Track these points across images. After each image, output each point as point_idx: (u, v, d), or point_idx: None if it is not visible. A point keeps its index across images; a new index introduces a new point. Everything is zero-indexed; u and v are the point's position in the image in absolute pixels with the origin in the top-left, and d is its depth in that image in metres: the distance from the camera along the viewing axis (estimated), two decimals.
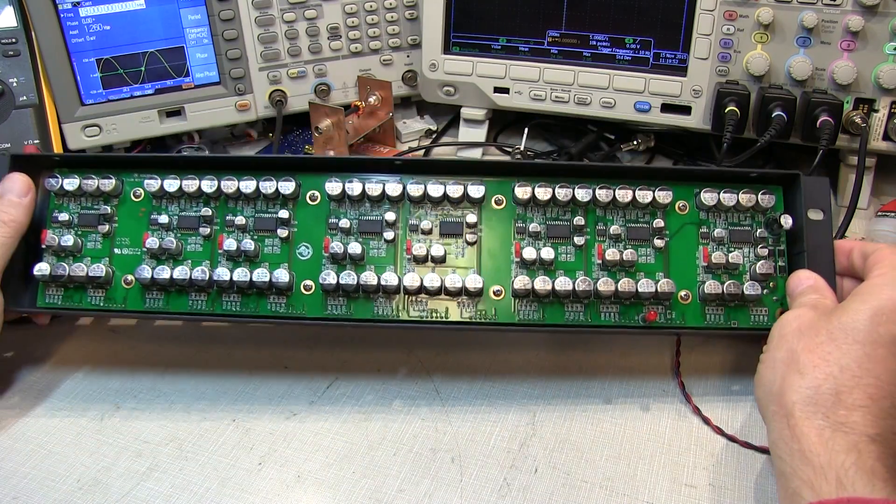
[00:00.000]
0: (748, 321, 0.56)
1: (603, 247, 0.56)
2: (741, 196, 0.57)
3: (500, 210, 0.58)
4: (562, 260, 0.56)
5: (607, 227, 0.57)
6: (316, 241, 0.57)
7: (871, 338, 0.44)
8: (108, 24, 0.83)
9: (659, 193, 0.57)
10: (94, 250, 0.58)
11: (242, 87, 0.89)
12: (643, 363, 0.60)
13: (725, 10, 0.76)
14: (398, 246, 0.57)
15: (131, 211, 0.59)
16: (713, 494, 0.50)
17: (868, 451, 0.40)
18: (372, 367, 0.61)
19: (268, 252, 0.57)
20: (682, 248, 0.57)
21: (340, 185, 0.57)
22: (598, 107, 0.84)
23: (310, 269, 0.57)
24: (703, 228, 0.57)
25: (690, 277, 0.56)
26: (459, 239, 0.57)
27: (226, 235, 0.57)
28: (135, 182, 0.59)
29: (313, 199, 0.58)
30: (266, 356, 0.62)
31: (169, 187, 0.58)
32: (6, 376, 0.60)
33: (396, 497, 0.50)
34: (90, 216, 0.58)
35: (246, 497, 0.50)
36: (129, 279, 0.57)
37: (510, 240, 0.57)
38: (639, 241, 0.57)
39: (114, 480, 0.51)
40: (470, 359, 0.61)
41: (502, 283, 0.56)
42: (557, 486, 0.50)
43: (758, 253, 0.57)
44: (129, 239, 0.58)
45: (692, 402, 0.56)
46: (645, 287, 0.54)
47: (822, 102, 0.73)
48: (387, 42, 0.93)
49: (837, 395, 0.43)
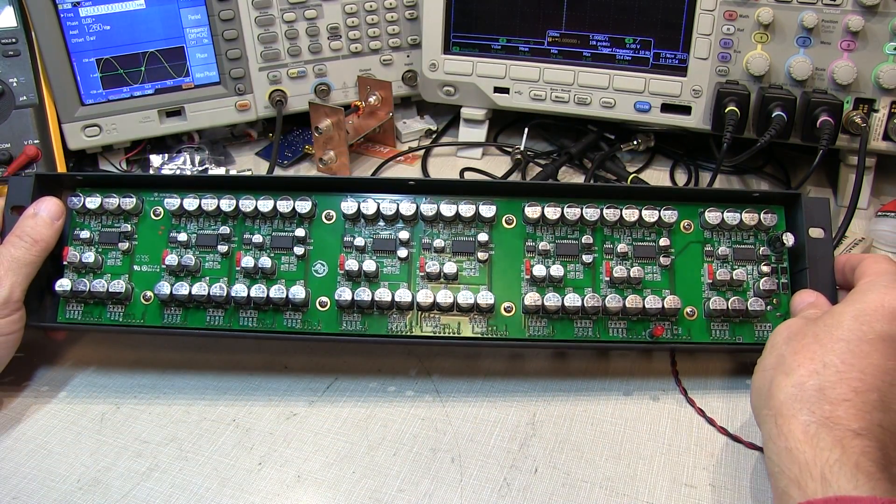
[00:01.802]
0: (753, 337, 0.57)
1: (611, 264, 0.57)
2: (744, 215, 0.58)
3: (510, 229, 0.59)
4: (570, 278, 0.57)
5: (615, 245, 0.58)
6: (331, 258, 0.58)
7: (855, 335, 0.45)
8: (108, 24, 0.83)
9: (664, 213, 0.58)
10: (114, 267, 0.59)
11: (242, 87, 0.89)
12: (643, 363, 0.60)
13: (725, 10, 0.76)
14: (412, 264, 0.58)
15: (151, 229, 0.60)
16: (713, 494, 0.50)
17: (852, 445, 0.40)
18: (372, 368, 0.61)
19: (284, 269, 0.58)
20: (688, 266, 0.58)
21: (356, 205, 0.58)
22: (598, 107, 0.84)
23: (325, 286, 0.58)
24: (708, 247, 0.58)
25: (696, 294, 0.57)
26: (471, 257, 0.58)
27: (243, 253, 0.58)
28: (155, 201, 0.60)
29: (329, 218, 0.59)
30: (266, 356, 0.62)
31: (189, 206, 0.59)
32: (7, 377, 0.60)
33: (396, 497, 0.50)
34: (111, 234, 0.59)
35: (246, 497, 0.50)
36: (147, 295, 0.58)
37: (521, 258, 0.58)
38: (645, 259, 0.58)
39: (114, 480, 0.51)
40: (470, 359, 0.61)
41: (513, 300, 0.57)
42: (557, 486, 0.50)
43: (761, 270, 0.57)
44: (148, 256, 0.59)
45: (694, 403, 0.56)
46: (651, 303, 0.55)
47: (822, 102, 0.73)
48: (387, 42, 0.93)
49: (821, 390, 0.43)
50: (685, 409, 0.56)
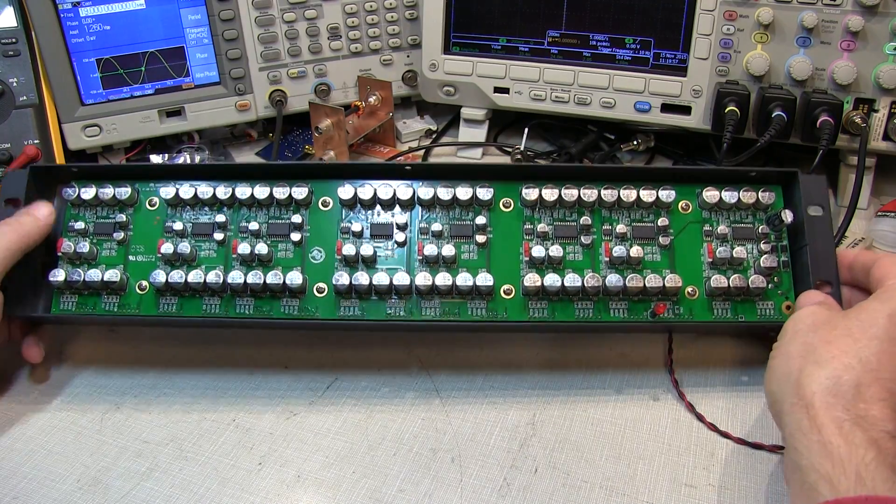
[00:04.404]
0: (755, 315, 0.56)
1: (610, 245, 0.57)
2: (742, 194, 0.58)
3: (508, 212, 0.58)
4: (570, 259, 0.57)
5: (613, 226, 0.58)
6: (328, 244, 0.58)
7: (890, 335, 0.44)
8: (108, 24, 0.83)
9: (662, 193, 0.58)
10: (108, 258, 0.59)
11: (242, 87, 0.89)
12: (643, 364, 0.60)
13: (725, 10, 0.76)
14: (410, 248, 0.58)
15: (146, 219, 0.60)
16: (713, 494, 0.50)
17: (888, 447, 0.40)
18: (372, 367, 0.61)
19: (281, 256, 0.58)
20: (687, 246, 0.58)
21: (352, 190, 0.58)
22: (598, 107, 0.84)
23: (322, 272, 0.57)
24: (707, 227, 0.58)
25: (696, 273, 0.57)
26: (470, 240, 0.58)
27: (239, 240, 0.58)
28: (150, 191, 0.60)
29: (325, 204, 0.59)
30: (266, 356, 0.62)
31: (184, 195, 0.58)
32: (6, 376, 0.60)
33: (396, 497, 0.50)
34: (106, 224, 0.59)
35: (246, 497, 0.50)
36: (143, 285, 0.58)
37: (519, 240, 0.58)
38: (644, 240, 0.58)
39: (114, 480, 0.51)
40: (470, 358, 0.61)
41: (512, 283, 0.57)
42: (557, 486, 0.50)
43: (761, 248, 0.57)
44: (143, 246, 0.59)
45: (693, 408, 0.56)
46: (652, 282, 0.55)
47: (822, 102, 0.73)
48: (387, 42, 0.93)
49: (857, 387, 0.42)
50: (685, 410, 0.56)
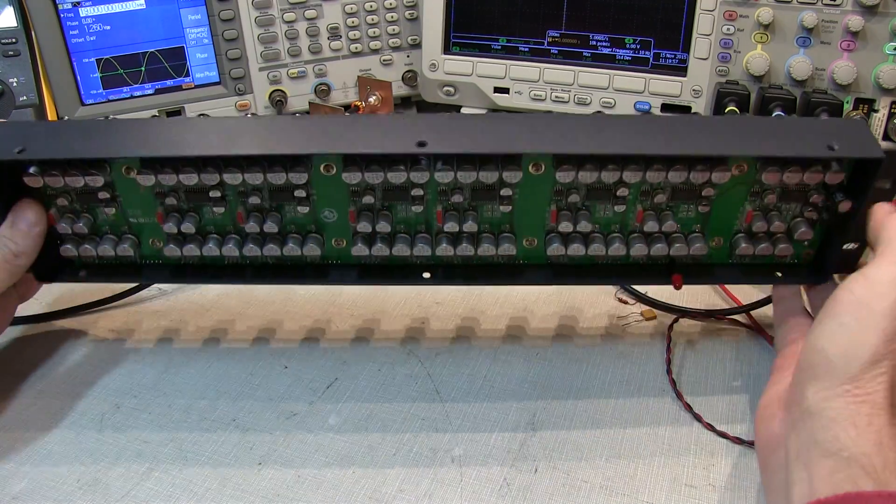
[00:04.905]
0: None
1: (644, 214, 0.53)
2: (806, 175, 0.51)
3: (538, 175, 0.52)
4: (598, 225, 0.54)
5: (651, 195, 0.53)
6: (340, 206, 0.54)
7: None
8: (108, 24, 0.83)
9: (715, 175, 0.51)
10: (108, 220, 0.55)
11: (242, 87, 0.89)
12: (644, 363, 0.60)
13: (725, 10, 0.76)
14: (429, 209, 0.54)
15: (132, 190, 0.53)
16: (713, 494, 0.50)
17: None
18: (372, 367, 0.61)
19: (290, 216, 0.55)
20: (726, 206, 0.54)
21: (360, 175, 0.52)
22: (599, 107, 0.84)
23: (338, 230, 0.55)
24: (755, 187, 0.53)
25: (726, 233, 0.55)
26: (494, 202, 0.53)
27: (244, 213, 0.54)
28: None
29: (328, 169, 0.52)
30: (266, 356, 0.62)
31: (166, 181, 0.51)
32: (6, 376, 0.60)
33: (396, 497, 0.50)
34: (90, 204, 0.54)
35: (246, 497, 0.50)
36: (157, 243, 0.56)
37: (546, 206, 0.54)
38: (682, 201, 0.53)
39: (114, 480, 0.51)
40: (470, 359, 0.61)
41: (536, 236, 0.55)
42: (557, 486, 0.50)
43: (805, 215, 0.53)
44: (140, 210, 0.54)
45: (691, 408, 0.56)
46: (678, 251, 0.54)
47: (822, 102, 0.73)
48: (387, 42, 0.93)
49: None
50: (684, 409, 0.56)
